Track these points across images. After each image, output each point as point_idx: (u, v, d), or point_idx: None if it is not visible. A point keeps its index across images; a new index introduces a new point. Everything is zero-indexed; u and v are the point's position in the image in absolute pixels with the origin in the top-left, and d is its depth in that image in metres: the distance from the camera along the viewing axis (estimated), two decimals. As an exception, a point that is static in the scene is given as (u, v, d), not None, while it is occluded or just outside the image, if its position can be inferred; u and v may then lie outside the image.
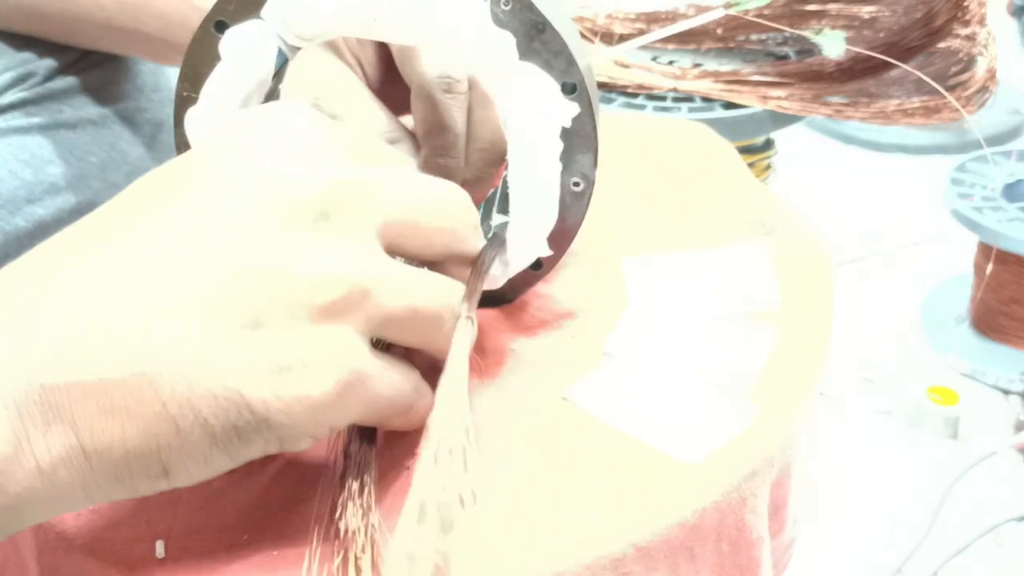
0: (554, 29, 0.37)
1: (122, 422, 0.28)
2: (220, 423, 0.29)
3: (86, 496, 0.29)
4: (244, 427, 0.29)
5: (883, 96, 0.81)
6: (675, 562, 0.34)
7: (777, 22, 0.87)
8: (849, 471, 0.69)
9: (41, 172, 0.61)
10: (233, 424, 0.29)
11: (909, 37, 0.82)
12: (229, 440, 0.29)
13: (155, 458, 0.29)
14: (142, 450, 0.28)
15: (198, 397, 0.28)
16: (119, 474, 0.29)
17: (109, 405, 0.28)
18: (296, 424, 0.30)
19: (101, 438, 0.28)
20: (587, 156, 0.39)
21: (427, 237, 0.34)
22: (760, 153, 0.91)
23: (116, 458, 0.28)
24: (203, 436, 0.29)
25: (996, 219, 0.76)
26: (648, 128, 0.61)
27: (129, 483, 0.29)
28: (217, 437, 0.29)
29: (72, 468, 0.28)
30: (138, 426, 0.28)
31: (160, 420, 0.28)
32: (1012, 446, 0.70)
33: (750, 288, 0.45)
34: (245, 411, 0.29)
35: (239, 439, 0.29)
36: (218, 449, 0.29)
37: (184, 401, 0.28)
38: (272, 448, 0.31)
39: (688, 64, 0.89)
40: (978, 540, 0.63)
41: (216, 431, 0.29)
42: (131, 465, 0.29)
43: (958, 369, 0.79)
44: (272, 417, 0.29)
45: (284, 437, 0.30)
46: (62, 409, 0.27)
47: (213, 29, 0.38)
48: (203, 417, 0.29)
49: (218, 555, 0.33)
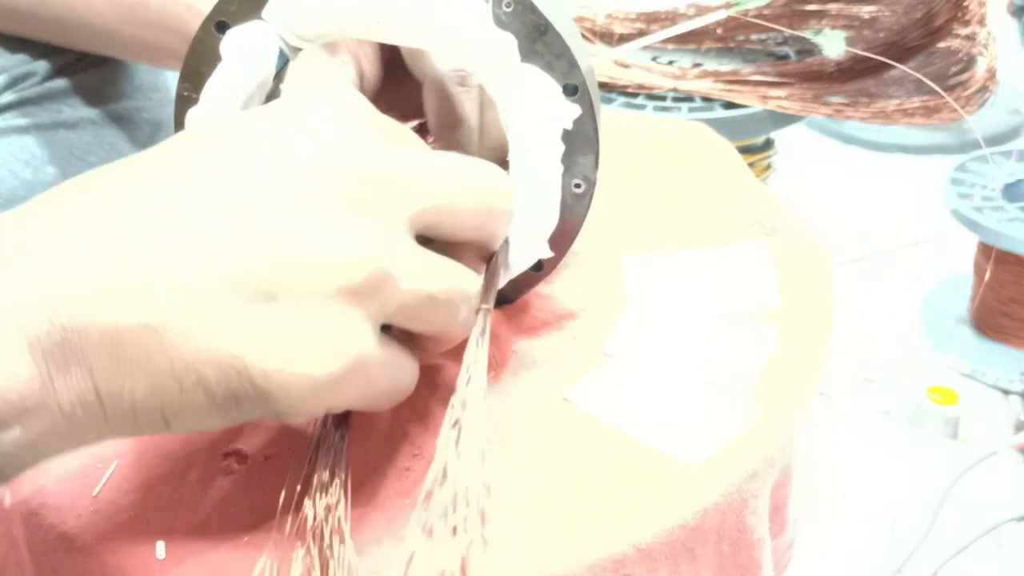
0: (556, 31, 0.37)
1: (132, 373, 0.28)
2: (221, 388, 0.29)
3: (98, 436, 0.30)
4: (243, 395, 0.29)
5: (883, 96, 0.81)
6: (676, 563, 0.34)
7: (777, 22, 0.87)
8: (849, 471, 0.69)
9: (41, 172, 0.61)
10: (233, 391, 0.29)
11: (909, 37, 0.82)
12: (227, 405, 0.30)
13: (158, 412, 0.29)
14: (147, 403, 0.29)
15: (203, 360, 0.29)
16: (126, 420, 0.29)
17: (121, 355, 0.28)
18: (293, 400, 0.30)
19: (114, 385, 0.28)
20: (588, 158, 0.39)
21: (460, 219, 0.34)
22: (760, 153, 0.91)
23: (124, 406, 0.29)
24: (204, 398, 0.29)
25: (996, 219, 0.76)
26: (648, 128, 0.61)
27: (134, 428, 0.30)
28: (216, 401, 0.29)
29: (88, 410, 0.29)
30: (145, 379, 0.29)
31: (165, 377, 0.29)
32: (1012, 446, 0.70)
33: (750, 288, 0.45)
34: (245, 380, 0.29)
35: (237, 405, 0.30)
36: (216, 410, 0.30)
37: (189, 361, 0.29)
38: (268, 417, 0.31)
39: (688, 64, 0.89)
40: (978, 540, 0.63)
41: (216, 395, 0.29)
42: (137, 414, 0.29)
43: (958, 369, 0.79)
44: (271, 391, 0.29)
45: (280, 411, 0.30)
46: (81, 352, 0.28)
47: (214, 29, 0.38)
48: (205, 379, 0.29)
49: (218, 556, 0.33)
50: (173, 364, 0.28)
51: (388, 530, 0.33)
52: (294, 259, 0.29)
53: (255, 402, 0.30)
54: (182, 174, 0.30)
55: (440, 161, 0.34)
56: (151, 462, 0.37)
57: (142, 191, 0.30)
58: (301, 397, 0.30)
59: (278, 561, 0.31)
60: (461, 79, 0.45)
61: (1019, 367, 0.78)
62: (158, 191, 0.30)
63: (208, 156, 0.31)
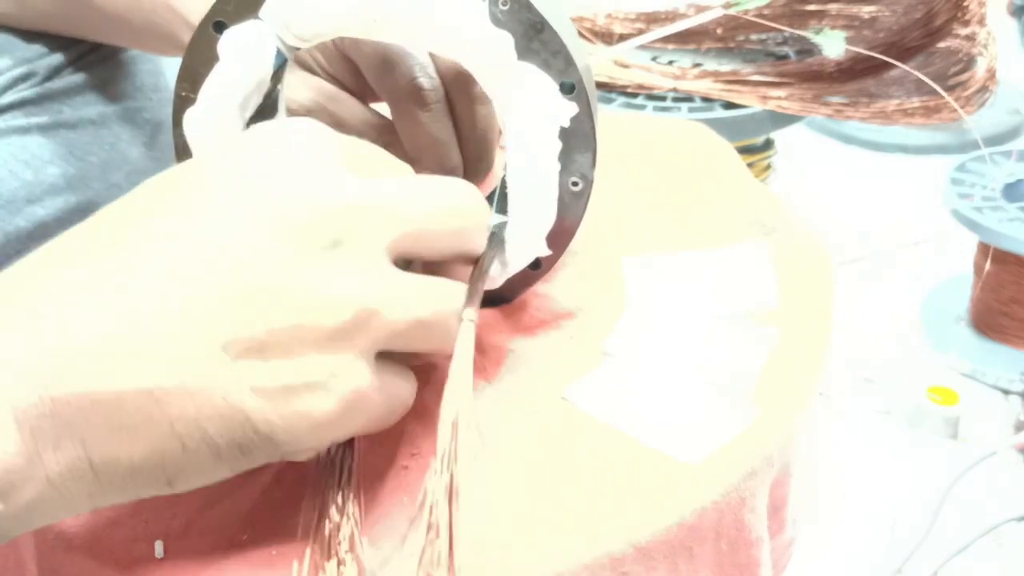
0: (552, 29, 0.37)
1: (130, 438, 0.28)
2: (224, 441, 0.29)
3: (91, 503, 0.29)
4: (248, 444, 0.30)
5: (883, 96, 0.81)
6: (674, 562, 0.34)
7: (777, 22, 0.87)
8: (849, 471, 0.69)
9: (41, 172, 0.61)
10: (238, 442, 0.29)
11: (909, 37, 0.82)
12: (232, 455, 0.30)
13: (160, 471, 0.29)
14: (148, 465, 0.29)
15: (205, 417, 0.29)
16: (124, 484, 0.29)
17: (118, 421, 0.28)
18: (298, 441, 0.30)
19: (109, 452, 0.28)
20: (586, 156, 0.39)
21: (436, 241, 0.34)
22: (760, 153, 0.91)
23: (122, 471, 0.29)
24: (208, 452, 0.29)
25: (996, 219, 0.76)
26: (648, 128, 0.61)
27: (133, 491, 0.30)
28: (222, 453, 0.29)
29: (80, 480, 0.28)
30: (145, 443, 0.28)
31: (167, 438, 0.29)
32: (1012, 446, 0.70)
33: (750, 288, 0.45)
34: (249, 430, 0.29)
35: (242, 455, 0.30)
36: (221, 462, 0.30)
37: (191, 420, 0.29)
38: (274, 459, 0.31)
39: (688, 64, 0.89)
40: (978, 540, 0.63)
41: (221, 448, 0.29)
42: (136, 477, 0.29)
43: (958, 369, 0.79)
44: (275, 435, 0.30)
45: (286, 452, 0.31)
46: (71, 423, 0.28)
47: (212, 29, 0.38)
48: (209, 436, 0.29)
49: (217, 555, 0.33)
50: (174, 425, 0.28)
51: (387, 528, 0.33)
52: (278, 310, 0.29)
53: (260, 449, 0.30)
54: (156, 235, 0.30)
55: (410, 185, 0.34)
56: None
57: (121, 258, 0.30)
58: (306, 436, 0.30)
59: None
60: (421, 100, 0.44)
61: (1019, 367, 0.78)
62: (134, 255, 0.30)
63: (180, 213, 0.30)
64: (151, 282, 0.29)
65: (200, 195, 0.31)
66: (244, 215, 0.30)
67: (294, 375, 0.29)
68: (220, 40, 0.38)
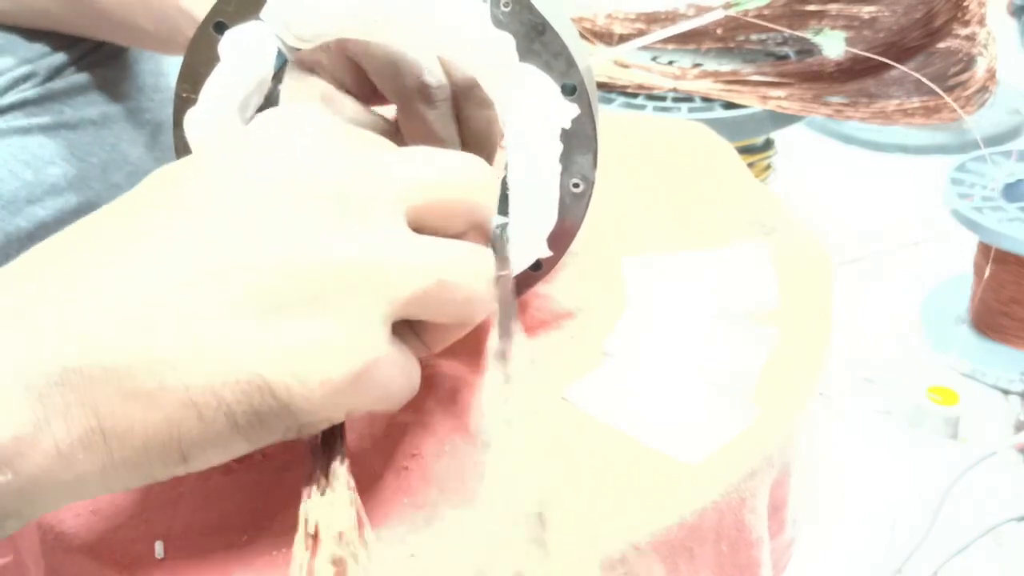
0: (554, 30, 0.37)
1: (144, 407, 0.28)
2: (242, 409, 0.29)
3: (103, 482, 0.29)
4: (266, 412, 0.29)
5: (883, 96, 0.81)
6: (674, 562, 0.34)
7: (777, 22, 0.87)
8: (849, 471, 0.69)
9: (42, 173, 0.61)
10: (256, 409, 0.29)
11: (909, 37, 0.82)
12: (250, 425, 0.29)
13: (175, 445, 0.29)
14: (162, 436, 0.28)
15: (221, 382, 0.28)
16: (137, 459, 0.29)
17: (132, 389, 0.28)
18: (316, 408, 0.30)
19: (122, 422, 0.28)
20: (587, 157, 0.39)
21: (450, 209, 0.33)
22: (760, 153, 0.91)
23: (136, 443, 0.28)
24: (225, 423, 0.29)
25: (996, 219, 0.76)
26: (648, 128, 0.61)
27: (147, 469, 0.29)
28: (239, 423, 0.29)
29: (91, 451, 0.28)
30: (160, 412, 0.28)
31: (183, 407, 0.28)
32: (1012, 446, 0.70)
33: (750, 288, 0.45)
34: (268, 396, 0.29)
35: (260, 424, 0.29)
36: (239, 435, 0.29)
37: (207, 387, 0.28)
38: (291, 434, 0.30)
39: (688, 64, 0.89)
40: (978, 540, 0.63)
41: (238, 417, 0.29)
42: (150, 451, 0.28)
43: (958, 369, 0.79)
44: (294, 402, 0.29)
45: (304, 423, 0.30)
46: (83, 391, 0.27)
47: (212, 30, 0.38)
48: (226, 403, 0.28)
49: (217, 555, 0.33)
50: (189, 392, 0.28)
51: (387, 529, 0.33)
52: (295, 268, 0.29)
53: (278, 418, 0.29)
54: (170, 208, 0.30)
55: (420, 155, 0.34)
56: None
57: (133, 229, 0.30)
58: (323, 403, 0.30)
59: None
60: (429, 98, 0.44)
61: (1019, 367, 0.78)
62: (147, 227, 0.30)
63: (195, 188, 0.30)
64: (164, 250, 0.29)
65: (213, 173, 0.31)
66: (257, 186, 0.30)
67: (311, 337, 0.29)
68: (221, 41, 0.38)
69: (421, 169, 0.33)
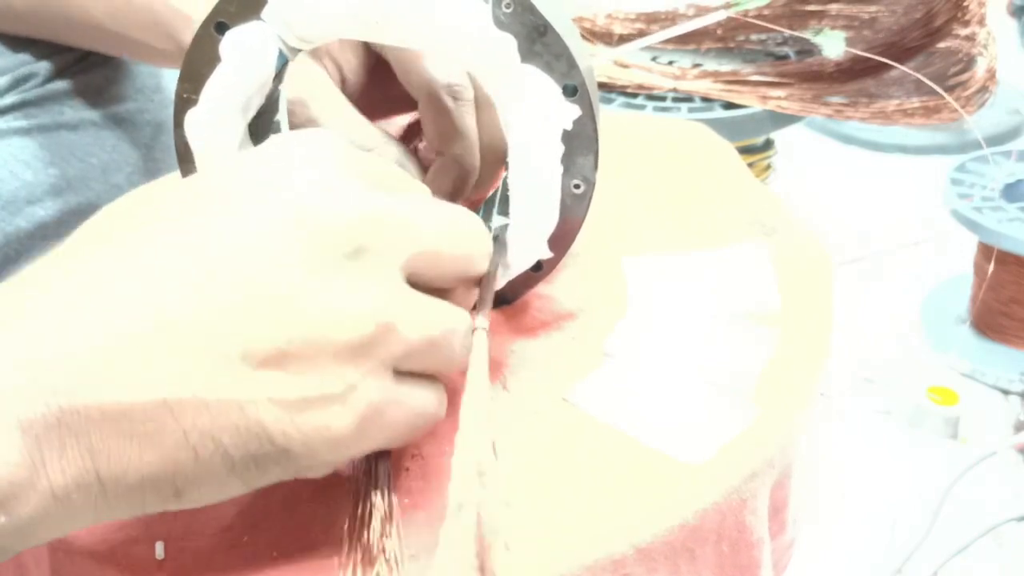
0: (555, 31, 0.37)
1: (140, 447, 0.28)
2: (240, 452, 0.29)
3: (95, 517, 0.29)
4: (263, 457, 0.29)
5: (883, 96, 0.81)
6: (675, 563, 0.34)
7: (777, 22, 0.87)
8: (849, 471, 0.69)
9: (41, 173, 0.61)
10: (253, 454, 0.29)
11: (909, 37, 0.82)
12: (247, 468, 0.29)
13: (170, 483, 0.29)
14: (158, 476, 0.28)
15: (220, 427, 0.28)
16: (131, 497, 0.29)
17: (129, 430, 0.28)
18: (315, 455, 0.30)
19: (118, 463, 0.28)
20: (588, 158, 0.39)
21: (444, 265, 0.34)
22: (760, 153, 0.91)
23: (131, 483, 0.28)
24: (222, 464, 0.29)
25: (996, 219, 0.76)
26: (648, 128, 0.61)
27: (139, 504, 0.29)
28: (236, 465, 0.29)
29: (85, 492, 0.28)
30: (156, 452, 0.28)
31: (179, 448, 0.28)
32: (1012, 446, 0.70)
33: (750, 288, 0.45)
34: (266, 442, 0.29)
35: (256, 467, 0.29)
36: (235, 476, 0.29)
37: (205, 430, 0.28)
38: (288, 475, 0.31)
39: (688, 64, 0.89)
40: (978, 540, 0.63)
41: (235, 459, 0.29)
42: (144, 488, 0.29)
43: (958, 369, 0.79)
44: (292, 448, 0.29)
45: (302, 467, 0.30)
46: (79, 432, 0.27)
47: (214, 30, 0.38)
48: (223, 447, 0.29)
49: (218, 556, 0.33)
50: (187, 435, 0.28)
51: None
52: (298, 321, 0.29)
53: (275, 463, 0.29)
54: (174, 241, 0.30)
55: (425, 205, 0.34)
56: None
57: (134, 262, 0.29)
58: (323, 451, 0.30)
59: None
60: (456, 93, 0.45)
61: (1019, 367, 0.78)
62: (149, 261, 0.29)
63: (197, 218, 0.30)
64: (166, 289, 0.29)
65: (217, 203, 0.31)
66: (263, 224, 0.30)
67: (312, 387, 0.29)
68: (222, 41, 0.38)
69: (428, 220, 0.33)
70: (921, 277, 0.90)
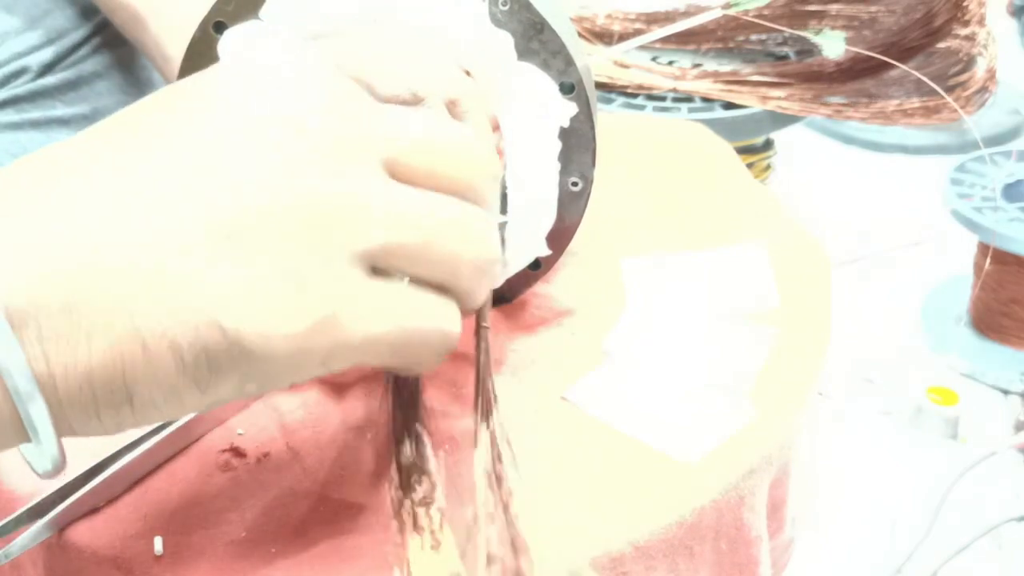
0: (552, 29, 0.37)
1: (87, 336, 0.26)
2: (190, 347, 0.27)
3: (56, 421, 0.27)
4: (215, 352, 0.27)
5: (883, 96, 0.81)
6: (674, 561, 0.34)
7: (777, 22, 0.87)
8: (849, 471, 0.69)
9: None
10: (203, 345, 0.27)
11: (909, 37, 0.82)
12: (199, 367, 0.27)
13: (119, 379, 0.27)
14: (105, 369, 0.27)
15: (167, 311, 0.27)
16: (82, 394, 0.27)
17: (76, 317, 0.26)
18: (277, 355, 0.27)
19: (64, 352, 0.26)
20: (585, 156, 0.39)
21: (437, 172, 0.30)
22: (760, 153, 0.91)
23: (79, 374, 0.27)
24: (172, 361, 0.27)
25: (996, 219, 0.76)
26: (647, 128, 0.61)
27: (91, 404, 0.27)
28: (187, 365, 0.27)
29: (42, 386, 0.26)
30: (103, 340, 0.26)
31: (127, 339, 0.26)
32: (1012, 446, 0.70)
33: (749, 288, 0.45)
34: (215, 330, 0.27)
35: (209, 368, 0.27)
36: (187, 378, 0.27)
37: (153, 316, 0.26)
38: (249, 387, 0.28)
39: (688, 64, 0.89)
40: (978, 540, 0.63)
41: (185, 356, 0.27)
42: (94, 384, 0.27)
43: (958, 369, 0.79)
44: (244, 339, 0.27)
45: (260, 371, 0.28)
46: (28, 319, 0.26)
47: (212, 30, 0.38)
48: (173, 338, 0.27)
49: (216, 552, 0.33)
50: (134, 320, 0.26)
51: (387, 531, 0.33)
52: (257, 202, 0.27)
53: (230, 361, 0.27)
54: (149, 132, 0.29)
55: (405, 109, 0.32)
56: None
57: (119, 156, 0.28)
58: (280, 350, 0.27)
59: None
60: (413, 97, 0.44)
61: (1019, 367, 0.78)
62: (121, 150, 0.28)
63: (175, 112, 0.29)
64: (131, 176, 0.27)
65: (197, 98, 0.29)
66: (233, 116, 0.29)
67: (270, 277, 0.27)
68: (220, 40, 0.38)
69: (412, 124, 0.31)
70: (921, 277, 0.90)
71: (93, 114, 0.65)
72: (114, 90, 0.67)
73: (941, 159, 1.06)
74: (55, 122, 0.63)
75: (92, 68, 0.66)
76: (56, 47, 0.64)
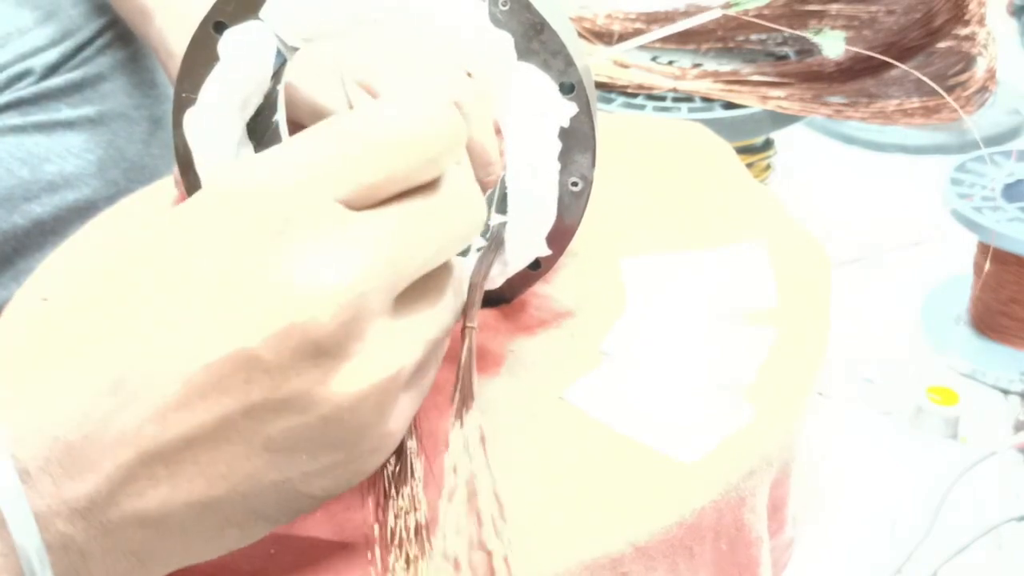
0: (552, 29, 0.37)
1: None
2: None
3: None
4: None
5: (883, 96, 0.81)
6: (674, 561, 0.34)
7: (777, 22, 0.87)
8: (849, 471, 0.69)
9: (38, 170, 0.61)
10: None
11: (909, 37, 0.82)
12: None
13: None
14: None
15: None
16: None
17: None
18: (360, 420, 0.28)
19: None
20: (585, 156, 0.39)
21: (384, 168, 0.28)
22: (760, 153, 0.91)
23: None
24: None
25: (996, 219, 0.76)
26: (647, 128, 0.61)
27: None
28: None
29: None
30: None
31: None
32: (1012, 446, 0.70)
33: (748, 288, 0.45)
34: None
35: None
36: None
37: None
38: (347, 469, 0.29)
39: (688, 64, 0.89)
40: (978, 540, 0.63)
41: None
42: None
43: (958, 369, 0.79)
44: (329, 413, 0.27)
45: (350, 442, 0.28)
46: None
47: (212, 30, 0.38)
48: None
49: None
50: None
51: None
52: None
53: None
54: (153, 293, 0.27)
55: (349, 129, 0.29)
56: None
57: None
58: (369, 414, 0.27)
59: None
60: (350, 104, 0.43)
61: (1019, 367, 0.78)
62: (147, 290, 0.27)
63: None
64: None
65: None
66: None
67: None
68: (220, 40, 0.38)
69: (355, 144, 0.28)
70: (921, 277, 0.90)
71: (98, 116, 0.65)
72: (119, 92, 0.67)
73: (941, 159, 1.06)
74: (60, 125, 0.63)
75: (97, 70, 0.66)
76: (61, 48, 0.64)
